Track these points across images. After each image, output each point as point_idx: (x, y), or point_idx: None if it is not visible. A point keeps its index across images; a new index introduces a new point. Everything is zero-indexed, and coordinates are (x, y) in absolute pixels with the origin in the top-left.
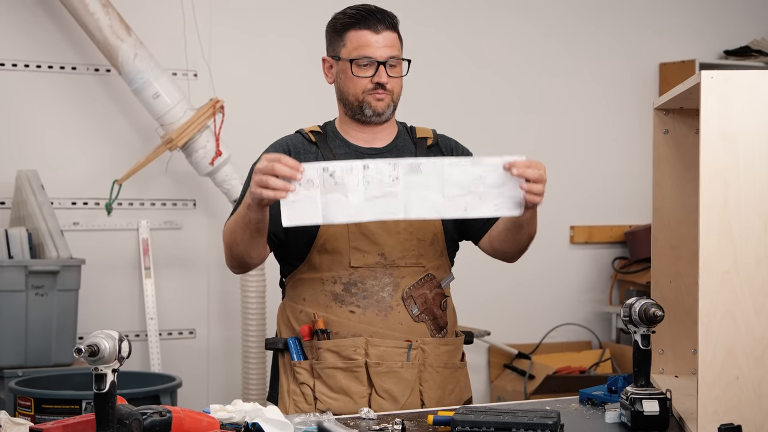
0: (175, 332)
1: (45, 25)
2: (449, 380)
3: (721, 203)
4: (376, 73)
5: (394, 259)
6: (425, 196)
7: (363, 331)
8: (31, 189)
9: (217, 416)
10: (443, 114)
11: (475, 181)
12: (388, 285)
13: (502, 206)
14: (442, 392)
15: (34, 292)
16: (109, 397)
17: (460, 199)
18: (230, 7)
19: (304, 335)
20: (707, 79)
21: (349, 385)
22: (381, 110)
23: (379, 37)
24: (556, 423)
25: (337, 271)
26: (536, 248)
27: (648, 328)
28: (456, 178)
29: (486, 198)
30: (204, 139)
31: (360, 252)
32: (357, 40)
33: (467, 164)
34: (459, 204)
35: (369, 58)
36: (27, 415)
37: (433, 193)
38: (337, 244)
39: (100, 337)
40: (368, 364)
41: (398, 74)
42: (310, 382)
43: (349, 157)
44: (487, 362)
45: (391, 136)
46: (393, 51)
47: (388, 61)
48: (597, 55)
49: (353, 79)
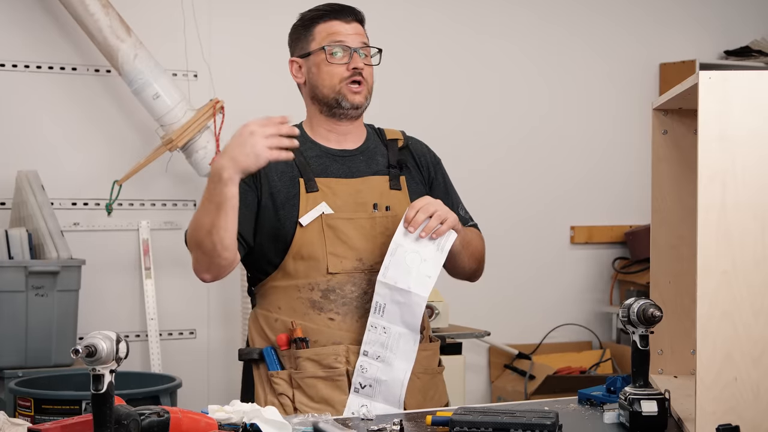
0: (176, 333)
1: (45, 25)
2: (429, 386)
3: (719, 204)
4: (351, 60)
5: (372, 264)
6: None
7: (343, 338)
8: (32, 189)
9: (215, 417)
10: (443, 115)
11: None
12: (366, 291)
13: (419, 282)
14: (422, 398)
15: (35, 293)
16: (106, 397)
17: (392, 268)
18: (230, 7)
19: (281, 344)
20: (705, 80)
21: (331, 394)
22: (359, 103)
23: (349, 26)
24: (555, 423)
25: (314, 278)
26: (536, 248)
27: (646, 329)
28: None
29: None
30: (204, 139)
31: (337, 257)
32: (328, 29)
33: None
34: (390, 274)
35: (341, 43)
36: (27, 415)
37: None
38: (313, 250)
39: (97, 338)
40: (350, 372)
41: (372, 63)
42: (289, 393)
43: (321, 159)
44: (488, 362)
45: (362, 138)
46: (363, 39)
47: (360, 49)
48: (597, 55)
49: (329, 68)
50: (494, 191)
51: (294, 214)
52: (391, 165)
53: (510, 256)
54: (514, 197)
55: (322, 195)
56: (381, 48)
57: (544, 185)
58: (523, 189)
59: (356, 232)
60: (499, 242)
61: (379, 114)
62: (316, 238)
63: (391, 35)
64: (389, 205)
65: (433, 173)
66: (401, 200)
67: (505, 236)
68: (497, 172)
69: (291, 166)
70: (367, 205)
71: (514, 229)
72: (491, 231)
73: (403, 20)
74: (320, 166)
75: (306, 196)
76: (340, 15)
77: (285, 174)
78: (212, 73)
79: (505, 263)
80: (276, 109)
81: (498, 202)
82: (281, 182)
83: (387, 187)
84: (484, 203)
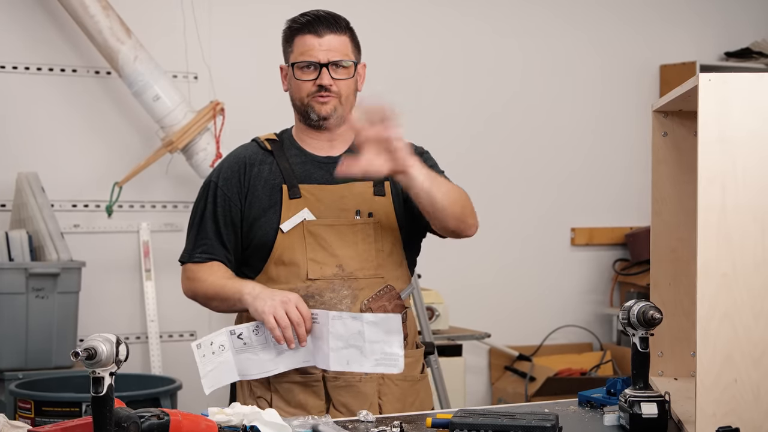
0: (176, 334)
1: (45, 27)
2: (409, 393)
3: (719, 206)
4: (318, 77)
5: (352, 270)
6: (318, 346)
7: None
8: (32, 191)
9: (215, 419)
10: (443, 116)
11: (355, 336)
12: (346, 297)
13: (382, 362)
14: (401, 405)
15: (35, 295)
16: (106, 400)
17: (343, 351)
18: (230, 9)
19: None
20: (705, 82)
21: (306, 400)
22: (326, 113)
23: (322, 40)
24: (555, 425)
25: (294, 284)
26: (537, 250)
27: (646, 331)
28: (339, 331)
29: (366, 353)
30: (204, 141)
31: (317, 264)
32: (301, 45)
33: (348, 318)
34: (342, 356)
35: (310, 61)
36: (27, 417)
37: (323, 343)
38: (293, 256)
39: (97, 341)
40: (326, 378)
41: (344, 76)
42: (267, 396)
43: (306, 166)
44: (488, 364)
45: (347, 144)
46: (336, 54)
47: (332, 64)
48: (597, 56)
49: (297, 83)
50: (495, 193)
51: (275, 220)
52: None
53: (511, 258)
54: (514, 199)
55: (305, 201)
56: (355, 61)
57: (544, 187)
58: (523, 191)
59: (337, 238)
60: (500, 243)
61: None
62: (297, 244)
63: (392, 36)
64: (372, 211)
65: None
66: (385, 206)
67: (506, 238)
68: (498, 174)
69: (276, 173)
70: (350, 211)
71: (515, 231)
72: (492, 233)
73: (401, 19)
74: (304, 173)
75: (288, 203)
76: (315, 28)
77: (268, 182)
78: (212, 74)
79: (505, 265)
80: (275, 110)
81: (498, 204)
82: (264, 190)
83: (371, 193)
84: (485, 204)
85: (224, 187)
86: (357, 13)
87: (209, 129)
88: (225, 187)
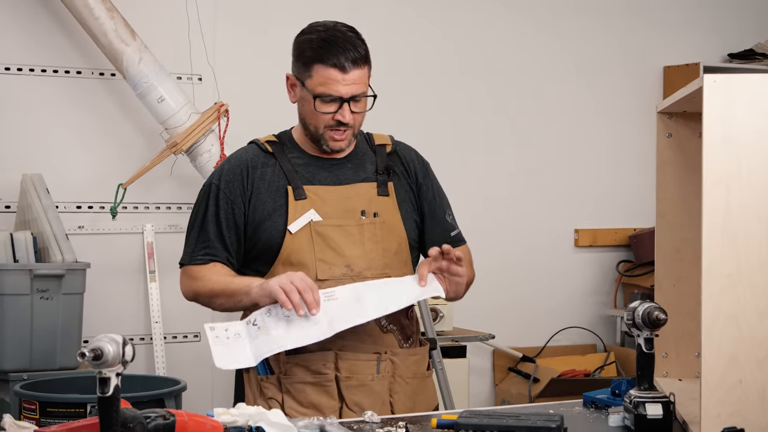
0: (180, 336)
1: (50, 29)
2: (419, 390)
3: (724, 207)
4: (338, 111)
5: (360, 270)
6: (345, 314)
7: (332, 344)
8: (36, 193)
9: (220, 420)
10: (444, 118)
11: (386, 285)
12: None
13: (425, 291)
14: (412, 403)
15: (39, 296)
16: (112, 400)
17: (375, 301)
18: (235, 10)
19: None
20: (710, 83)
21: (319, 400)
22: (339, 148)
23: (347, 76)
24: (560, 426)
25: None
26: (541, 252)
27: (651, 332)
28: (372, 291)
29: (403, 291)
30: (209, 142)
31: (326, 264)
32: (323, 76)
33: (380, 284)
34: (380, 305)
35: (333, 94)
36: (32, 418)
37: (353, 308)
38: (302, 257)
39: (103, 341)
40: (338, 378)
41: (362, 109)
42: (278, 397)
43: (309, 167)
44: (492, 365)
45: (350, 145)
46: (359, 88)
47: (352, 99)
48: (601, 58)
49: (316, 114)
50: (498, 194)
51: (282, 222)
52: (378, 171)
53: (514, 259)
54: (518, 200)
55: (310, 202)
56: (376, 95)
57: (547, 188)
58: (527, 192)
59: (345, 238)
60: (503, 245)
61: (380, 114)
62: (306, 245)
63: (391, 35)
64: (377, 211)
65: (422, 178)
66: (389, 206)
67: (510, 239)
68: (501, 176)
69: (279, 174)
70: (356, 211)
71: (519, 232)
72: (495, 234)
73: (403, 24)
74: (308, 174)
75: (294, 204)
76: (339, 61)
77: (273, 184)
78: (217, 76)
79: (509, 266)
80: (280, 112)
81: (501, 205)
82: (268, 192)
83: (375, 193)
84: (488, 206)
85: (226, 189)
86: (365, 12)
87: (213, 131)
88: (227, 189)
